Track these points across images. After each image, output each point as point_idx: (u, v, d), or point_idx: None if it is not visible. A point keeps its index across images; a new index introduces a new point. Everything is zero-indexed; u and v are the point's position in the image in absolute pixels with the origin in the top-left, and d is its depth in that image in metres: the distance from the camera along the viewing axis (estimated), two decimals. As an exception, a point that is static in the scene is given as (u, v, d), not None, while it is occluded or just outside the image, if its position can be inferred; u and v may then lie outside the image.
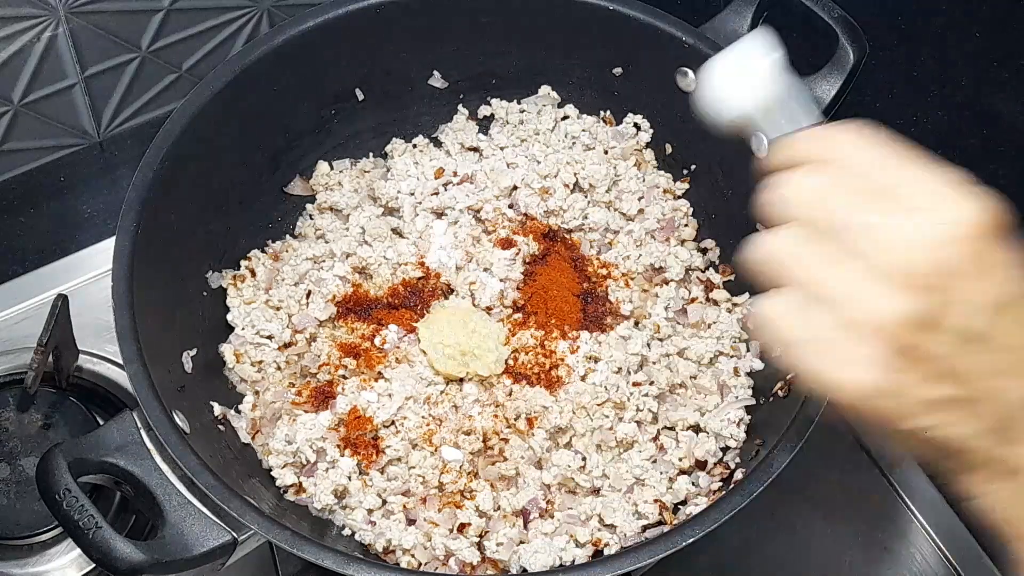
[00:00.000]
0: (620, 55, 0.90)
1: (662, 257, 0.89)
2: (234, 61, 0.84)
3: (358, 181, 0.93)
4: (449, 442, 0.80)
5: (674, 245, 0.90)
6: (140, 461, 0.71)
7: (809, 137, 0.56)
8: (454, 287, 0.87)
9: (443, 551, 0.76)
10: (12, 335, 0.94)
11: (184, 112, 0.81)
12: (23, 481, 0.83)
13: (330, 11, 0.86)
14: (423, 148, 0.95)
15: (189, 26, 1.02)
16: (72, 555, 0.84)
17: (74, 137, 1.04)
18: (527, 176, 0.90)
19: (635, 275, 0.89)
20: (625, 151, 0.92)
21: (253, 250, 0.89)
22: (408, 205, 0.90)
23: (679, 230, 0.91)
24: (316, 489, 0.79)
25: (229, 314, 0.86)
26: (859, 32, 0.81)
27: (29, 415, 0.86)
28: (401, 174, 0.92)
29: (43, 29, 0.93)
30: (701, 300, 0.88)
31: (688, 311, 0.87)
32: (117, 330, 0.73)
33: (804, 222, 0.53)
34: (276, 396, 0.83)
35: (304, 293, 0.87)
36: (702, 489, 0.80)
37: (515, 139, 0.93)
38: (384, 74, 0.92)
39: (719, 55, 0.60)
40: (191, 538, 0.69)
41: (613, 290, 0.88)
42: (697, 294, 0.88)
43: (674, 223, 0.91)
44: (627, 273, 0.89)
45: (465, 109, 0.95)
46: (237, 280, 0.87)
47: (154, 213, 0.78)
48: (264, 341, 0.84)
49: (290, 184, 0.92)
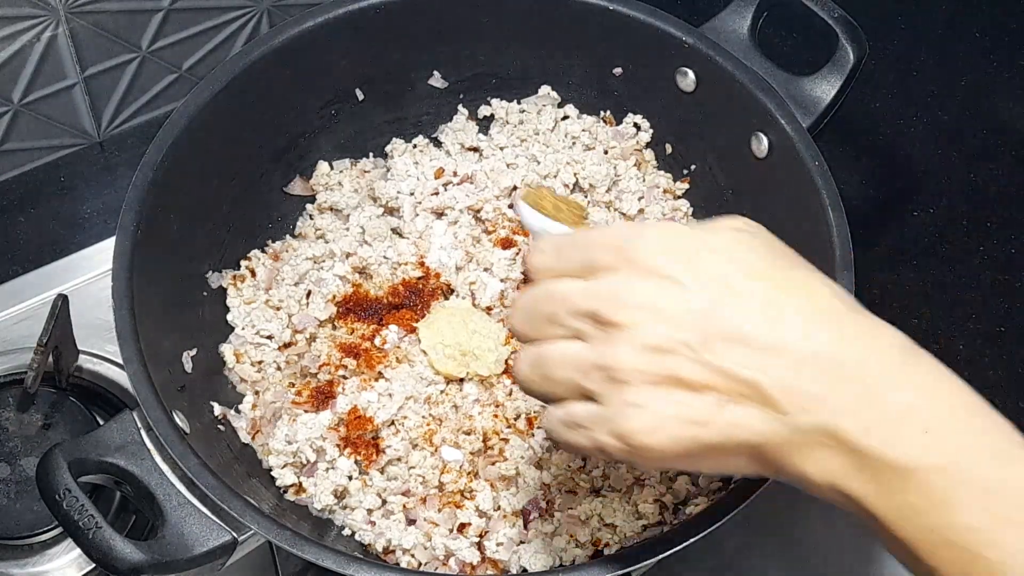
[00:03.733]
0: (620, 55, 0.90)
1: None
2: (234, 61, 0.84)
3: (358, 181, 0.93)
4: (449, 442, 0.80)
5: None
6: (140, 461, 0.71)
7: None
8: (454, 287, 0.87)
9: (443, 551, 0.76)
10: (12, 335, 0.94)
11: (184, 112, 0.81)
12: (23, 481, 0.83)
13: (330, 11, 0.86)
14: (423, 148, 0.95)
15: (189, 26, 1.02)
16: (72, 555, 0.84)
17: (74, 137, 1.04)
18: (527, 176, 0.90)
19: None
20: (625, 151, 0.92)
21: (253, 250, 0.89)
22: (408, 205, 0.90)
23: None
24: (316, 489, 0.79)
25: (229, 314, 0.86)
26: (859, 32, 0.82)
27: (29, 415, 0.86)
28: (401, 174, 0.92)
29: (43, 29, 0.93)
30: None
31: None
32: (117, 330, 0.73)
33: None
34: (276, 396, 0.83)
35: (304, 293, 0.87)
36: (702, 489, 0.80)
37: (515, 139, 0.93)
38: (384, 74, 0.92)
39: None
40: (191, 538, 0.69)
41: None
42: None
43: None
44: None
45: (465, 109, 0.95)
46: (237, 280, 0.87)
47: (154, 213, 0.78)
48: (264, 341, 0.84)
49: (290, 184, 0.92)
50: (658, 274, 0.53)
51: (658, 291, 0.53)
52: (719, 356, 0.51)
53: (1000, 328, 0.83)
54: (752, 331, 0.52)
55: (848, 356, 0.51)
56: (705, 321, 0.52)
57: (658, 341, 0.52)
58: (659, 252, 0.54)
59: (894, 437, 0.50)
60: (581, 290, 0.55)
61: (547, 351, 0.56)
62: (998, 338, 0.84)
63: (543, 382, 0.57)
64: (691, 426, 0.52)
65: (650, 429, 0.52)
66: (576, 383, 0.55)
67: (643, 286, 0.53)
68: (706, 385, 0.52)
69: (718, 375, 0.52)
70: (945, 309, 0.88)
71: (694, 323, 0.52)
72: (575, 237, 0.58)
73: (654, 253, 0.54)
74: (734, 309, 0.52)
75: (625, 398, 0.53)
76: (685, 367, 0.52)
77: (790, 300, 0.53)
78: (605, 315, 0.53)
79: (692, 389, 0.52)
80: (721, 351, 0.52)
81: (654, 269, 0.53)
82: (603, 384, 0.53)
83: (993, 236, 0.81)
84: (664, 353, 0.52)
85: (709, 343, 0.52)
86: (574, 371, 0.55)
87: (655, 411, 0.52)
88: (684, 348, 0.52)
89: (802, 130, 0.81)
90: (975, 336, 0.86)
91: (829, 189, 0.79)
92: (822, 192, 0.79)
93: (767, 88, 0.83)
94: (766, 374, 0.51)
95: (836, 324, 0.52)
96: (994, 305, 0.83)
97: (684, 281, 0.53)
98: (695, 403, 0.52)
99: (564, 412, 0.56)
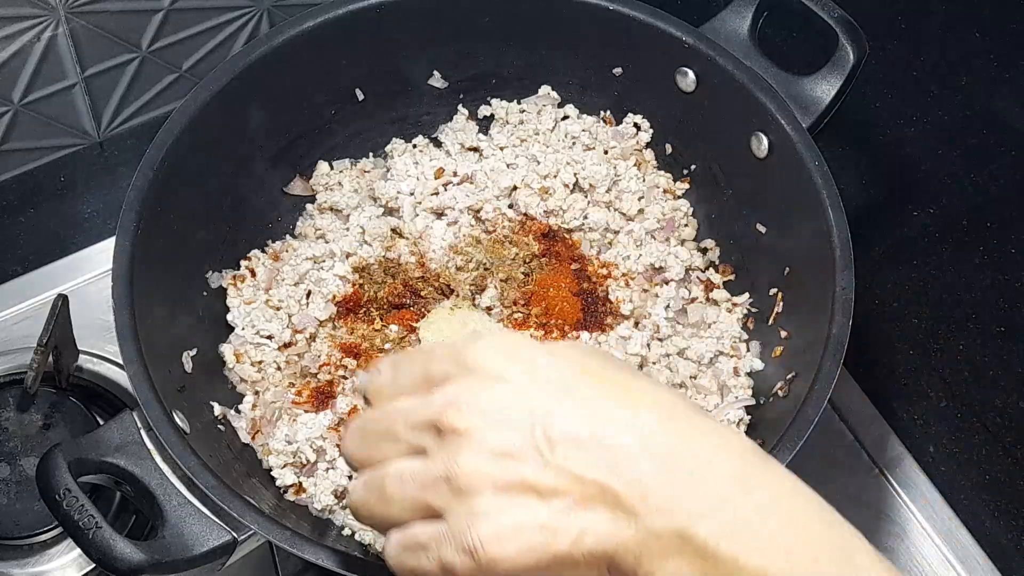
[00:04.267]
0: (620, 55, 0.90)
1: (662, 257, 0.89)
2: (234, 61, 0.84)
3: (358, 181, 0.93)
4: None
5: (674, 245, 0.90)
6: (140, 461, 0.71)
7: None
8: (454, 287, 0.87)
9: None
10: (12, 335, 0.94)
11: (184, 112, 0.81)
12: (23, 481, 0.83)
13: (330, 11, 0.86)
14: (423, 148, 0.95)
15: (189, 26, 1.01)
16: (72, 555, 0.84)
17: (74, 137, 1.04)
18: (527, 176, 0.90)
19: (635, 275, 0.89)
20: (625, 151, 0.92)
21: (253, 250, 0.89)
22: (408, 205, 0.90)
23: (679, 230, 0.91)
24: (316, 489, 0.79)
25: (229, 314, 0.86)
26: (859, 32, 0.81)
27: (29, 415, 0.86)
28: (401, 174, 0.92)
29: (43, 29, 0.93)
30: (701, 300, 0.88)
31: (688, 311, 0.87)
32: (117, 330, 0.73)
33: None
34: (276, 396, 0.83)
35: (304, 293, 0.87)
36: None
37: (515, 139, 0.93)
38: (384, 74, 0.92)
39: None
40: (191, 538, 0.69)
41: (613, 290, 0.88)
42: (697, 294, 0.88)
43: (674, 223, 0.91)
44: (627, 273, 0.89)
45: (465, 109, 0.95)
46: (237, 280, 0.87)
47: (154, 213, 0.78)
48: (264, 341, 0.84)
49: (290, 184, 0.92)
50: (498, 378, 0.51)
51: (499, 395, 0.51)
52: (565, 458, 0.49)
53: (1000, 328, 0.83)
54: (599, 431, 0.50)
55: (700, 456, 0.49)
56: (549, 422, 0.50)
57: (502, 445, 0.50)
58: (497, 357, 0.52)
59: (750, 542, 0.48)
60: (420, 402, 0.53)
61: (384, 470, 0.53)
62: (998, 338, 0.84)
63: (379, 504, 0.54)
64: (541, 532, 0.49)
65: (499, 538, 0.49)
66: (417, 500, 0.52)
67: (484, 390, 0.51)
68: (555, 490, 0.49)
69: (566, 478, 0.49)
70: (945, 309, 0.88)
71: (536, 425, 0.50)
72: (411, 353, 0.57)
73: (492, 358, 0.52)
74: (578, 410, 0.50)
75: (471, 507, 0.50)
76: (532, 472, 0.49)
77: (637, 401, 0.51)
78: (446, 422, 0.51)
79: (540, 495, 0.49)
80: (567, 453, 0.49)
81: (493, 373, 0.52)
82: (447, 497, 0.51)
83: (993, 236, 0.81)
84: (509, 458, 0.50)
85: (554, 445, 0.49)
86: (415, 487, 0.52)
87: (503, 519, 0.50)
88: (530, 451, 0.50)
89: (802, 130, 0.81)
90: (975, 336, 0.86)
91: (829, 189, 0.79)
92: (822, 192, 0.79)
93: (767, 88, 0.83)
94: (616, 475, 0.49)
95: (686, 424, 0.51)
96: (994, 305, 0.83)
97: (523, 383, 0.51)
98: (544, 508, 0.49)
99: (403, 534, 0.53)
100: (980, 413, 0.88)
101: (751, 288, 0.88)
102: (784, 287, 0.85)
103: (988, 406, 0.87)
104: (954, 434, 0.91)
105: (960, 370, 0.88)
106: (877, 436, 0.96)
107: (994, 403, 0.86)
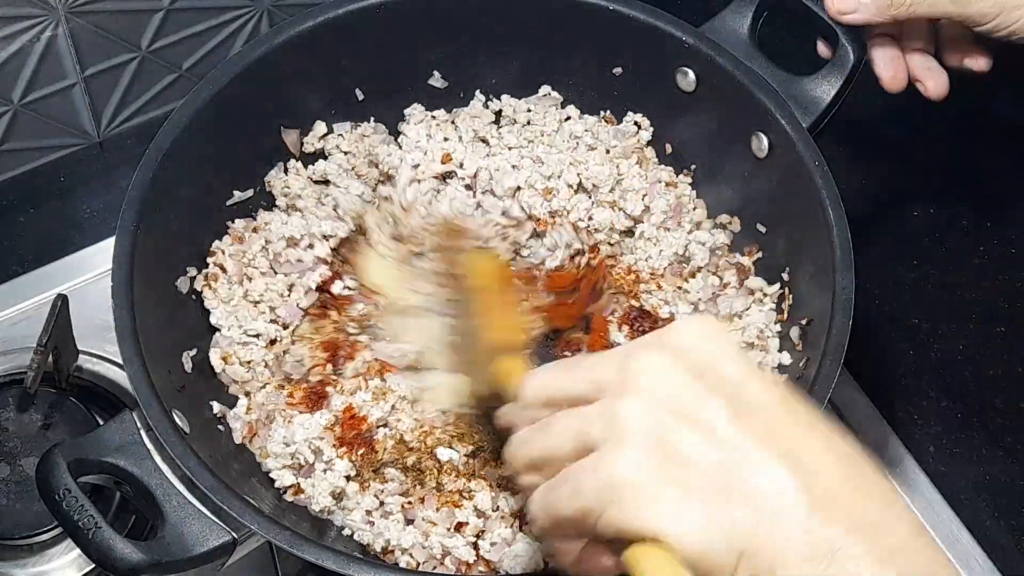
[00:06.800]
0: (620, 55, 0.90)
1: (682, 244, 0.88)
2: (234, 61, 0.84)
3: (356, 146, 0.91)
4: (444, 443, 0.80)
5: (690, 231, 0.90)
6: (140, 461, 0.71)
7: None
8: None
9: (440, 550, 0.76)
10: (12, 335, 0.94)
11: (184, 112, 0.81)
12: (23, 481, 0.83)
13: (330, 11, 0.86)
14: (440, 123, 0.93)
15: (189, 26, 1.02)
16: (72, 555, 0.84)
17: (74, 137, 1.04)
18: (531, 177, 0.90)
19: (662, 272, 0.88)
20: (626, 150, 0.92)
21: (214, 241, 0.86)
22: (405, 175, 0.89)
23: (689, 213, 0.90)
24: (314, 491, 0.78)
25: (211, 316, 0.84)
26: (859, 32, 0.81)
27: (29, 415, 0.86)
28: (411, 143, 0.91)
29: (43, 29, 0.93)
30: (734, 286, 0.87)
31: (718, 302, 0.86)
32: (117, 330, 0.73)
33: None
34: (267, 398, 0.82)
35: (286, 287, 0.85)
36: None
37: (523, 140, 0.93)
38: (384, 74, 0.92)
39: None
40: (191, 538, 0.69)
41: (646, 298, 0.87)
42: (730, 279, 0.87)
43: (681, 208, 0.90)
44: (655, 273, 0.88)
45: (482, 95, 0.94)
46: (210, 279, 0.85)
47: (154, 213, 0.78)
48: (251, 340, 0.83)
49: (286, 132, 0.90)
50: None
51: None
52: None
53: (1000, 328, 0.83)
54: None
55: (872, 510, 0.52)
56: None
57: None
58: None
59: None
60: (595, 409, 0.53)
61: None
62: (998, 338, 0.84)
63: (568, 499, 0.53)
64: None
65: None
66: (576, 433, 0.53)
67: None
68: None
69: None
70: (945, 309, 0.88)
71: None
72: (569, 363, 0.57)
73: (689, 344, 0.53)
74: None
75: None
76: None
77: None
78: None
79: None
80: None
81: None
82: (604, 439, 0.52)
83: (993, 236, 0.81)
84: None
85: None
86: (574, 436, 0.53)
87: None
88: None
89: (802, 130, 0.81)
90: (975, 336, 0.86)
91: (829, 189, 0.79)
92: (822, 192, 0.79)
93: (767, 88, 0.83)
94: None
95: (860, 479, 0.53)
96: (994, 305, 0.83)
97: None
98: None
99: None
100: (980, 413, 0.88)
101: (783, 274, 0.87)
102: (784, 287, 0.85)
103: (988, 406, 0.87)
104: (954, 434, 0.91)
105: (960, 370, 0.88)
106: (877, 436, 0.96)
107: (994, 403, 0.86)
